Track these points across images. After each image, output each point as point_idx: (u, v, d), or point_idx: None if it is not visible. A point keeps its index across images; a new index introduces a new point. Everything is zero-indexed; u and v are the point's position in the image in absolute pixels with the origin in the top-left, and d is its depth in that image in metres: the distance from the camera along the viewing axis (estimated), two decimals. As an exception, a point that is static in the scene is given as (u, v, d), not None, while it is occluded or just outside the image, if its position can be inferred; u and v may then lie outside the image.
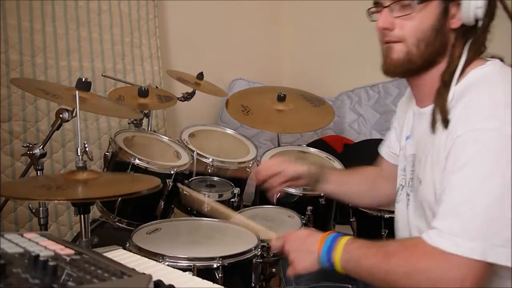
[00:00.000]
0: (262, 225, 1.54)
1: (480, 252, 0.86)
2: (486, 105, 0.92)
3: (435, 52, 1.03)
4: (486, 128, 0.90)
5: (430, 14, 1.00)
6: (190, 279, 0.94)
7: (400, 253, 0.95)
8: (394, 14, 1.02)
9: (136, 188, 1.22)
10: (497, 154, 0.88)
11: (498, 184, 0.87)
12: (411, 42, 1.02)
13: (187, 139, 2.12)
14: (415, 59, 1.03)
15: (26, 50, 2.27)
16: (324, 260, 1.06)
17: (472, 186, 0.89)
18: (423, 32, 1.01)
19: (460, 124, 0.93)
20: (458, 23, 1.01)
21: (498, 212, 0.86)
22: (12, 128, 2.23)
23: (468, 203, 0.88)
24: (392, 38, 1.04)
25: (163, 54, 2.89)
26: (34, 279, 0.63)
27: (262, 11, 3.62)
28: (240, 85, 3.34)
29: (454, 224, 0.89)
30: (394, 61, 1.05)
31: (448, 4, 1.00)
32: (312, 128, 2.61)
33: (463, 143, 0.91)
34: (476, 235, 0.86)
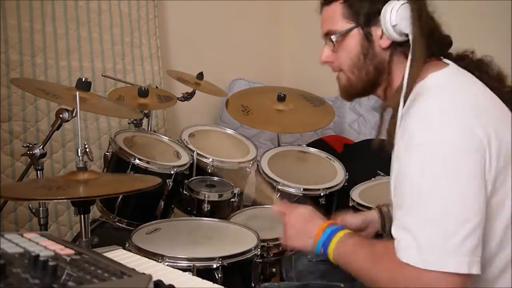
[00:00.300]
0: None
1: (431, 263, 0.87)
2: (421, 119, 0.95)
3: (371, 73, 1.10)
4: (421, 142, 0.92)
5: (353, 43, 1.09)
6: (189, 279, 0.94)
7: (384, 259, 0.96)
8: (329, 48, 1.13)
9: (136, 186, 1.22)
10: (435, 165, 0.90)
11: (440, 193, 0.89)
12: (347, 70, 1.12)
13: (187, 139, 2.12)
14: (355, 84, 1.13)
15: (26, 50, 2.27)
16: (318, 248, 1.09)
17: (416, 199, 0.91)
18: (352, 59, 1.10)
19: (401, 141, 0.97)
20: (387, 41, 1.06)
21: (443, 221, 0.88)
22: (12, 128, 2.23)
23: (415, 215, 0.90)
24: (335, 69, 1.16)
25: (163, 54, 2.89)
26: (34, 279, 0.63)
27: (262, 11, 3.61)
28: (240, 85, 3.34)
29: (405, 237, 0.91)
30: (342, 88, 1.16)
31: (369, 29, 1.07)
32: (312, 128, 2.61)
33: (403, 159, 0.95)
34: (425, 246, 0.88)
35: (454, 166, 0.89)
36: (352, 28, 1.07)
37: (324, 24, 1.13)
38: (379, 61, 1.08)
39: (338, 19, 1.09)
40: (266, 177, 1.99)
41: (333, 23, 1.10)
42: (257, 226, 1.62)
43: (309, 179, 2.03)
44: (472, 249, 0.87)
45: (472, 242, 0.87)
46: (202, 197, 1.86)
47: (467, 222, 0.88)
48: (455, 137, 0.90)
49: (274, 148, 2.26)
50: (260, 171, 2.04)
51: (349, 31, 1.08)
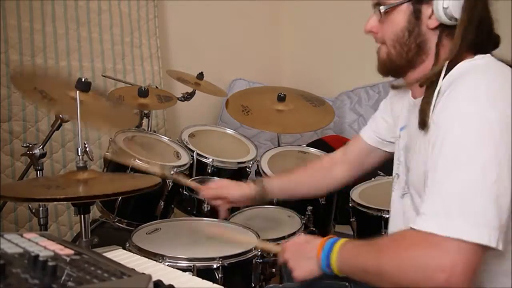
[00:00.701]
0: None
1: (462, 231, 0.84)
2: (467, 92, 0.94)
3: (413, 51, 1.07)
4: (466, 113, 0.91)
5: (401, 17, 1.05)
6: (190, 279, 0.94)
7: (388, 248, 0.94)
8: (376, 18, 1.10)
9: (136, 186, 1.22)
10: (475, 137, 0.89)
11: (477, 164, 0.87)
12: (389, 44, 1.09)
13: (187, 139, 2.12)
14: (395, 59, 1.09)
15: (26, 50, 2.27)
16: (324, 266, 1.06)
17: (451, 167, 0.89)
18: (396, 34, 1.07)
19: (443, 112, 0.95)
20: (435, 22, 1.04)
21: (479, 192, 0.86)
22: (12, 128, 2.23)
23: (448, 182, 0.88)
24: (377, 40, 1.12)
25: (163, 54, 2.89)
26: (33, 279, 0.63)
27: (262, 11, 3.62)
28: (240, 85, 3.34)
29: (436, 204, 0.88)
30: (380, 62, 1.13)
31: (419, 6, 1.04)
32: (312, 128, 2.61)
33: (445, 127, 0.93)
34: (457, 214, 0.85)
35: (496, 142, 0.88)
36: (402, 2, 1.04)
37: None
38: (422, 41, 1.06)
39: None
40: (266, 177, 1.99)
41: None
42: (257, 226, 1.62)
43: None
44: (502, 225, 0.86)
45: (503, 219, 0.86)
46: (202, 197, 1.86)
47: (501, 198, 0.86)
48: (501, 113, 0.89)
49: (274, 148, 2.26)
50: (260, 171, 2.04)
51: (399, 5, 1.04)
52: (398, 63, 1.09)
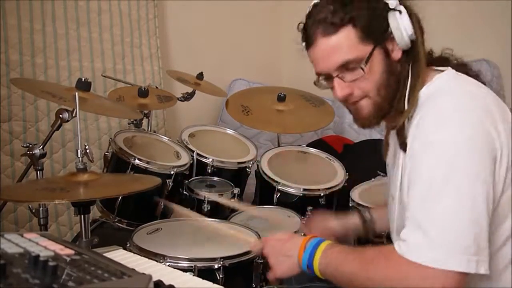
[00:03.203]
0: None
1: (442, 261, 0.87)
2: (435, 118, 0.95)
3: (394, 89, 1.06)
4: (436, 140, 0.93)
5: (377, 64, 1.03)
6: (190, 279, 0.94)
7: (377, 261, 0.97)
8: (346, 80, 1.05)
9: (136, 187, 1.22)
10: (447, 164, 0.91)
11: (451, 193, 0.89)
12: (373, 94, 1.05)
13: (187, 139, 2.12)
14: (383, 105, 1.06)
15: (26, 50, 2.27)
16: (305, 265, 1.07)
17: (427, 197, 0.91)
18: (379, 81, 1.04)
19: (416, 140, 0.97)
20: (399, 53, 1.05)
21: (455, 220, 0.88)
22: (12, 128, 2.23)
23: (426, 213, 0.91)
24: (356, 98, 1.07)
25: (163, 54, 2.89)
26: (34, 279, 0.63)
27: (262, 11, 3.61)
28: (240, 85, 3.34)
29: (417, 235, 0.91)
30: (367, 116, 1.09)
31: (385, 45, 1.03)
32: (312, 128, 2.61)
33: (418, 157, 0.95)
34: (436, 244, 0.88)
35: (467, 165, 0.90)
36: (373, 49, 1.01)
37: (335, 55, 1.03)
38: (397, 75, 1.05)
39: (355, 45, 1.01)
40: (266, 177, 1.99)
41: (350, 51, 1.01)
42: (257, 226, 1.62)
43: (309, 179, 2.02)
44: (482, 249, 0.88)
45: (482, 242, 0.88)
46: (202, 197, 1.86)
47: (477, 221, 0.88)
48: (469, 135, 0.91)
49: (274, 148, 2.25)
50: (260, 171, 2.04)
51: (372, 53, 1.01)
52: (386, 107, 1.07)
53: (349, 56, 1.01)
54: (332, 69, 1.05)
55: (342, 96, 1.06)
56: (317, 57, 1.07)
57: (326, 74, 1.07)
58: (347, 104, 1.11)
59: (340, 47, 1.02)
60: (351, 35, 1.01)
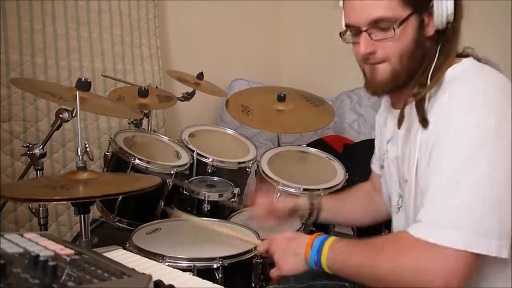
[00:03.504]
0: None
1: (462, 242, 0.86)
2: (464, 99, 0.93)
3: (417, 63, 1.04)
4: (463, 121, 0.91)
5: (409, 31, 1.01)
6: (190, 279, 0.94)
7: (386, 248, 0.95)
8: (374, 37, 1.02)
9: (136, 186, 1.22)
10: (474, 146, 0.89)
11: (476, 174, 0.88)
12: (395, 60, 1.03)
13: (187, 139, 2.12)
14: (401, 75, 1.04)
15: (26, 50, 2.27)
16: (312, 262, 1.07)
17: (451, 177, 0.90)
18: (405, 49, 1.02)
19: (441, 120, 0.95)
20: (432, 30, 1.03)
21: (478, 202, 0.87)
22: (12, 128, 2.23)
23: (449, 193, 0.89)
24: (376, 60, 1.05)
25: (163, 54, 2.89)
26: (34, 279, 0.63)
27: (262, 11, 3.61)
28: (240, 85, 3.34)
29: (436, 215, 0.90)
30: (381, 82, 1.06)
31: (422, 16, 1.02)
32: (312, 128, 2.61)
33: (443, 137, 0.93)
34: (457, 225, 0.87)
35: (491, 152, 0.89)
36: (410, 15, 0.99)
37: (371, 9, 1.00)
38: (424, 50, 1.03)
39: (394, 5, 0.98)
40: (266, 177, 1.99)
41: (387, 9, 0.98)
42: (257, 226, 1.62)
43: (309, 179, 2.02)
44: (505, 233, 0.87)
45: (504, 228, 0.87)
46: (202, 197, 1.86)
47: (500, 207, 0.87)
48: (495, 122, 0.90)
49: (274, 148, 2.25)
50: (260, 171, 2.04)
51: (408, 18, 0.99)
52: (403, 78, 1.04)
53: (385, 14, 0.99)
54: (364, 23, 1.02)
55: (365, 53, 1.04)
56: (351, 7, 1.04)
57: (356, 26, 1.04)
58: (365, 64, 1.08)
59: (378, 2, 1.00)
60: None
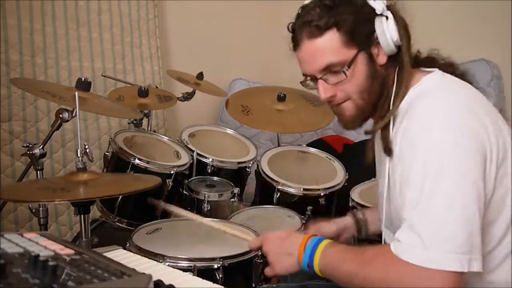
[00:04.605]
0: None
1: (436, 262, 0.88)
2: (422, 119, 0.96)
3: (378, 93, 1.08)
4: (425, 142, 0.93)
5: (361, 68, 1.05)
6: (190, 279, 0.94)
7: (375, 261, 0.98)
8: (330, 82, 1.07)
9: (136, 187, 1.22)
10: (437, 165, 0.91)
11: (442, 193, 0.90)
12: (356, 97, 1.08)
13: (187, 139, 2.12)
14: (366, 108, 1.09)
15: (26, 50, 2.27)
16: (305, 264, 1.08)
17: (419, 199, 0.92)
18: (362, 85, 1.06)
19: (404, 143, 0.98)
20: (384, 58, 1.06)
21: (446, 220, 0.89)
22: (12, 128, 2.23)
23: (419, 215, 0.92)
24: (339, 101, 1.10)
25: (163, 54, 2.89)
26: (34, 279, 0.63)
27: (262, 11, 3.61)
28: (240, 85, 3.34)
29: (410, 236, 0.92)
30: (349, 118, 1.12)
31: (369, 50, 1.05)
32: (312, 128, 2.61)
33: (407, 159, 0.96)
34: (429, 245, 0.89)
35: (456, 167, 0.91)
36: (357, 54, 1.03)
37: (319, 58, 1.05)
38: (381, 79, 1.07)
39: (339, 49, 1.03)
40: (266, 177, 1.99)
41: (333, 55, 1.03)
42: (257, 226, 1.62)
43: (309, 179, 2.02)
44: (475, 247, 0.89)
45: (475, 241, 0.89)
46: (202, 197, 1.86)
47: (469, 221, 0.89)
48: (456, 136, 0.92)
49: (274, 148, 2.25)
50: (260, 171, 2.04)
51: (356, 57, 1.03)
52: (369, 110, 1.09)
53: (333, 59, 1.04)
54: (316, 71, 1.07)
55: (325, 98, 1.10)
56: (302, 59, 1.10)
57: (311, 75, 1.10)
58: (331, 106, 1.14)
59: (324, 50, 1.04)
60: (335, 39, 1.03)
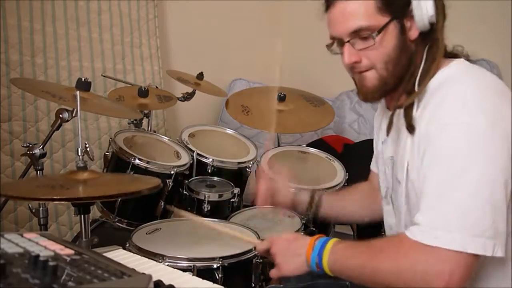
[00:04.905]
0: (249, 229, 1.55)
1: (459, 243, 0.87)
2: (455, 101, 0.94)
3: (404, 67, 1.05)
4: (457, 123, 0.92)
5: (390, 37, 1.02)
6: (190, 279, 0.94)
7: (386, 250, 0.96)
8: (357, 47, 1.04)
9: (136, 188, 1.22)
10: (468, 147, 0.90)
11: (471, 176, 0.89)
12: (380, 67, 1.05)
13: (187, 139, 2.12)
14: (388, 81, 1.06)
15: (26, 50, 2.27)
16: (313, 264, 1.07)
17: (446, 180, 0.91)
18: (389, 55, 1.03)
19: (433, 123, 0.96)
20: (416, 33, 1.04)
21: (474, 204, 0.88)
22: (12, 128, 2.23)
23: (445, 196, 0.90)
24: (362, 68, 1.07)
25: (163, 54, 2.89)
26: (34, 279, 0.63)
27: (262, 11, 3.61)
28: (240, 85, 3.34)
29: (433, 218, 0.91)
30: (370, 89, 1.08)
31: (402, 21, 1.03)
32: (312, 128, 2.61)
33: (436, 139, 0.94)
34: (454, 227, 0.88)
35: (486, 151, 0.90)
36: (389, 22, 1.01)
37: (350, 20, 1.02)
38: (409, 54, 1.04)
39: (372, 14, 1.00)
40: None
41: (365, 19, 1.01)
42: (257, 226, 1.62)
43: (309, 179, 2.02)
44: (500, 233, 0.88)
45: (500, 227, 0.88)
46: (202, 197, 1.86)
47: (496, 206, 0.88)
48: (488, 121, 0.91)
49: (274, 148, 2.25)
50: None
51: (387, 25, 1.01)
52: (391, 83, 1.06)
53: (363, 23, 1.01)
54: (345, 34, 1.04)
55: (349, 63, 1.06)
56: (332, 20, 1.07)
57: (339, 38, 1.07)
58: (353, 73, 1.10)
59: (356, 13, 1.02)
60: (369, 3, 1.01)
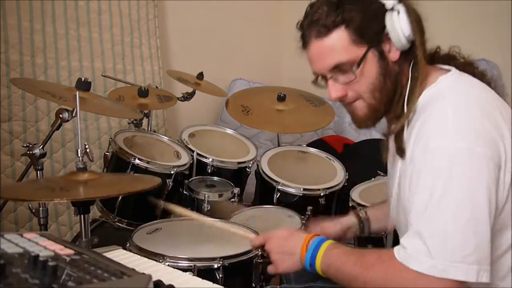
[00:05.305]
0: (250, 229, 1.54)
1: (441, 269, 0.87)
2: (437, 123, 0.94)
3: (391, 91, 1.04)
4: (437, 147, 0.92)
5: (371, 66, 1.02)
6: (190, 279, 0.94)
7: (377, 266, 0.97)
8: (340, 82, 1.05)
9: (136, 187, 1.22)
10: (448, 172, 0.89)
11: (450, 202, 0.89)
12: (367, 96, 1.05)
13: (187, 139, 2.12)
14: (378, 107, 1.06)
15: (26, 50, 2.27)
16: (307, 264, 1.08)
17: (428, 206, 0.91)
18: (373, 84, 1.03)
19: (417, 146, 0.96)
20: (397, 54, 1.03)
21: (454, 230, 0.88)
22: (12, 128, 2.23)
23: (427, 222, 0.90)
24: (350, 100, 1.07)
25: (163, 54, 2.89)
26: (33, 279, 0.63)
27: (262, 11, 3.61)
28: (240, 85, 3.34)
29: (417, 244, 0.91)
30: (362, 117, 1.09)
31: (380, 47, 1.02)
32: (312, 128, 2.61)
33: (420, 164, 0.94)
34: (435, 253, 0.88)
35: (468, 174, 0.89)
36: (367, 52, 1.00)
37: (327, 57, 1.03)
38: (394, 76, 1.03)
39: (348, 47, 1.00)
40: (266, 177, 1.99)
41: (342, 54, 1.01)
42: (257, 226, 1.62)
43: (309, 179, 2.02)
44: (484, 258, 0.88)
45: (483, 251, 0.88)
46: (202, 197, 1.86)
47: (478, 231, 0.88)
48: (470, 144, 0.90)
49: (274, 148, 2.25)
50: (260, 171, 2.04)
51: (365, 56, 1.00)
52: (382, 109, 1.06)
53: (341, 59, 1.01)
54: (326, 71, 1.05)
55: (335, 98, 1.07)
56: (311, 58, 1.08)
57: (321, 74, 1.08)
58: (343, 104, 1.11)
59: (332, 49, 1.02)
60: (343, 37, 1.00)
